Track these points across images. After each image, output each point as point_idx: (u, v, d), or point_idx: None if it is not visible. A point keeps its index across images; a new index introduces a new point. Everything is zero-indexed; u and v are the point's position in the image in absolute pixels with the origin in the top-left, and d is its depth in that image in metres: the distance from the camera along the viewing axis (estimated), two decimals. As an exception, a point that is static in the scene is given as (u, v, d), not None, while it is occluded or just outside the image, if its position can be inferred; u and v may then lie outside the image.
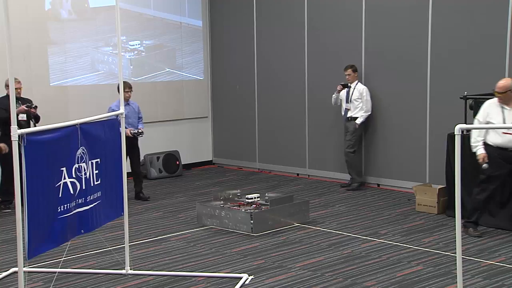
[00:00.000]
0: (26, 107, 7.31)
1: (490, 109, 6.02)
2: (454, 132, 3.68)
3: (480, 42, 7.40)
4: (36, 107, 7.36)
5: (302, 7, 9.09)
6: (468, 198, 6.21)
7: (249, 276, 5.11)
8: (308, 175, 9.29)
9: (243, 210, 6.45)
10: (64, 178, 4.18)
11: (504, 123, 5.88)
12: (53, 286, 4.95)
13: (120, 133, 5.03)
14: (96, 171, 4.61)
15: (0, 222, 7.05)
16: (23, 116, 7.34)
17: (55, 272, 5.16)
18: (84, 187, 4.43)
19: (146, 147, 9.57)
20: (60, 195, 4.14)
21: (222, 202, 6.74)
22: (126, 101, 7.89)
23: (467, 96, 6.86)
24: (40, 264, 5.44)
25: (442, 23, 7.69)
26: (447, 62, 7.69)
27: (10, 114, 7.18)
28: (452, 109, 7.43)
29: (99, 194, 4.68)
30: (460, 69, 7.58)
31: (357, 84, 8.27)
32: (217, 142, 10.59)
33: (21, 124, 7.28)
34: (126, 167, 5.20)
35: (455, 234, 3.82)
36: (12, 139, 3.66)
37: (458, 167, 3.68)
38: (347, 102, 8.31)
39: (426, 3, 7.78)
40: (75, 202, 4.35)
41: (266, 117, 9.80)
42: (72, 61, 8.81)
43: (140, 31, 9.52)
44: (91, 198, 4.56)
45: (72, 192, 4.28)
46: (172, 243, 6.14)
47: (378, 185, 8.50)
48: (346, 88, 8.28)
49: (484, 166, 5.88)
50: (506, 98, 5.89)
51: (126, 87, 7.84)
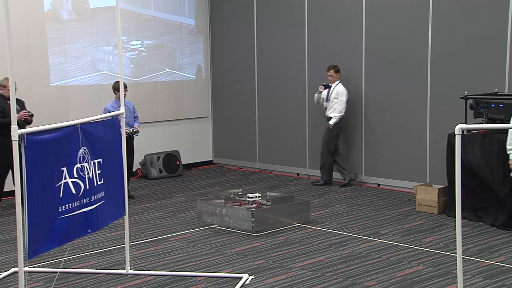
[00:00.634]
0: (29, 115, 7.33)
1: None
2: (454, 132, 3.68)
3: (480, 42, 7.39)
4: (32, 115, 7.40)
5: (303, 7, 9.09)
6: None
7: (249, 276, 5.12)
8: (309, 175, 9.29)
9: (244, 208, 6.45)
10: (65, 178, 4.18)
11: None
12: (53, 286, 4.95)
13: (121, 133, 5.03)
14: (99, 171, 4.61)
15: (0, 222, 7.05)
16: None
17: (56, 272, 5.16)
18: (88, 187, 4.43)
19: (147, 147, 9.58)
20: (61, 195, 4.14)
21: (223, 201, 6.75)
22: None
23: (468, 96, 6.86)
24: (40, 264, 5.44)
25: (442, 23, 7.69)
26: (448, 62, 7.69)
27: (5, 115, 7.23)
28: (452, 109, 7.43)
29: (102, 194, 4.68)
30: (460, 69, 7.58)
31: (337, 84, 8.42)
32: (217, 142, 10.59)
33: (28, 123, 7.37)
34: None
35: (455, 234, 3.82)
36: (12, 139, 3.66)
37: (458, 167, 3.68)
38: (326, 101, 8.49)
39: (426, 3, 7.78)
40: (80, 202, 4.35)
41: (266, 117, 9.80)
42: (73, 61, 8.81)
43: (140, 31, 9.52)
44: (96, 198, 4.56)
45: (74, 192, 4.28)
46: (172, 243, 6.14)
47: (378, 185, 8.50)
48: (327, 89, 8.46)
49: None
50: None
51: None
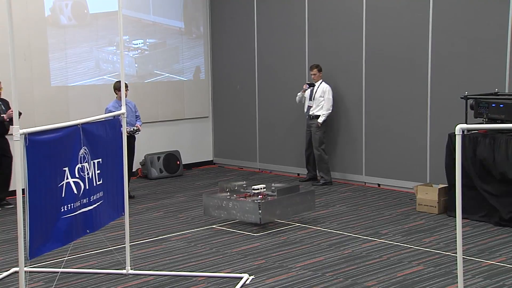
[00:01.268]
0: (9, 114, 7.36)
1: None
2: (454, 132, 3.68)
3: (481, 42, 7.40)
4: (21, 113, 7.40)
5: (303, 8, 9.10)
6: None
7: (249, 276, 5.12)
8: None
9: (250, 201, 6.44)
10: (67, 178, 4.19)
11: None
12: (54, 286, 4.96)
13: (122, 133, 5.04)
14: (98, 171, 4.62)
15: (1, 222, 7.05)
16: (8, 119, 7.42)
17: (56, 272, 5.16)
18: (87, 187, 4.44)
19: (147, 147, 9.59)
20: (63, 195, 4.15)
21: (228, 194, 6.74)
22: None
23: (468, 96, 6.86)
24: (41, 264, 5.44)
25: (443, 23, 7.69)
26: (448, 62, 7.69)
27: None
28: (452, 109, 7.43)
29: (101, 194, 4.69)
30: (460, 69, 7.58)
31: (321, 83, 8.59)
32: (217, 142, 10.60)
33: (4, 125, 7.44)
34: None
35: (456, 234, 3.82)
36: (14, 139, 3.66)
37: (458, 167, 3.69)
38: (310, 99, 8.60)
39: (426, 4, 7.79)
40: (80, 202, 4.36)
41: (266, 117, 9.81)
42: (73, 66, 8.81)
43: (140, 36, 9.52)
44: (95, 198, 4.57)
45: (76, 192, 4.29)
46: (173, 243, 6.14)
47: (379, 185, 8.50)
48: (311, 88, 8.59)
49: None
50: None
51: None
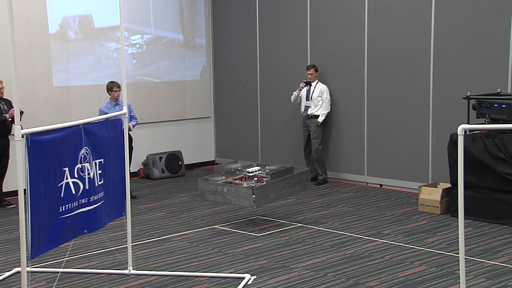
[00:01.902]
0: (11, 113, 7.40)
1: None
2: (457, 132, 3.68)
3: (483, 42, 7.39)
4: (22, 112, 7.44)
5: (305, 8, 9.09)
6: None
7: (251, 276, 5.12)
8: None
9: (244, 185, 6.42)
10: (66, 178, 4.19)
11: None
12: (56, 286, 4.96)
13: (123, 133, 5.04)
14: (100, 171, 4.62)
15: (3, 222, 7.06)
16: (10, 118, 7.45)
17: (58, 272, 5.17)
18: (87, 187, 4.43)
19: (149, 147, 9.59)
20: (62, 195, 4.15)
21: (224, 178, 6.75)
22: (115, 100, 7.86)
23: (470, 96, 6.85)
24: (43, 264, 5.44)
25: (445, 23, 7.68)
26: (450, 62, 7.68)
27: None
28: (455, 109, 7.42)
29: (102, 194, 4.68)
30: (463, 69, 7.57)
31: (317, 83, 8.69)
32: (219, 142, 10.60)
33: (6, 125, 7.47)
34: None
35: (458, 234, 3.82)
36: (15, 139, 3.67)
37: (460, 167, 3.68)
38: (307, 99, 8.67)
39: (429, 3, 7.77)
40: (78, 202, 4.35)
41: (268, 117, 9.80)
42: (75, 67, 8.83)
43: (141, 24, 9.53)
44: (95, 198, 4.57)
45: (74, 192, 4.29)
46: (175, 243, 6.14)
47: (381, 185, 8.49)
48: (307, 86, 8.66)
49: None
50: None
51: (114, 86, 7.84)
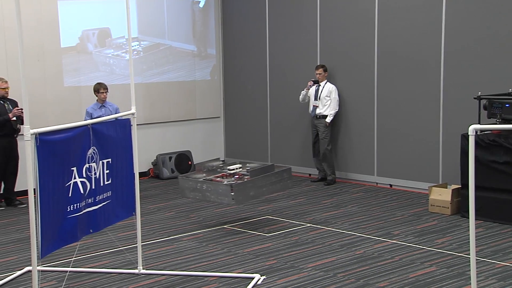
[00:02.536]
0: (20, 112, 7.45)
1: None
2: (467, 133, 3.65)
3: (494, 41, 7.33)
4: (22, 111, 7.51)
5: (315, 8, 9.07)
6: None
7: (261, 276, 5.11)
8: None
9: (224, 183, 6.38)
10: (74, 178, 4.20)
11: None
12: (66, 285, 4.98)
13: (131, 132, 5.04)
14: (107, 171, 4.63)
15: (15, 221, 7.11)
16: (14, 118, 7.51)
17: (68, 272, 5.19)
18: (94, 187, 4.45)
19: (159, 147, 9.61)
20: (69, 195, 4.16)
21: (205, 175, 6.69)
22: (102, 102, 7.85)
23: (481, 96, 6.80)
24: (53, 263, 5.47)
25: (456, 22, 7.63)
26: (461, 61, 7.63)
27: None
28: (465, 109, 7.37)
29: (109, 193, 4.69)
30: (473, 68, 7.51)
31: (326, 83, 8.69)
32: (229, 142, 10.60)
33: (11, 124, 7.52)
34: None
35: (469, 235, 3.79)
36: (25, 139, 3.69)
37: (471, 168, 3.65)
38: (315, 99, 8.66)
39: (439, 2, 7.73)
40: (85, 202, 4.37)
41: (278, 117, 9.79)
42: (85, 67, 8.87)
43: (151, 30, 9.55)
44: (100, 198, 4.58)
45: (82, 191, 4.30)
46: (184, 243, 6.15)
47: (391, 185, 8.45)
48: (316, 85, 8.66)
49: None
50: None
51: (101, 88, 7.82)
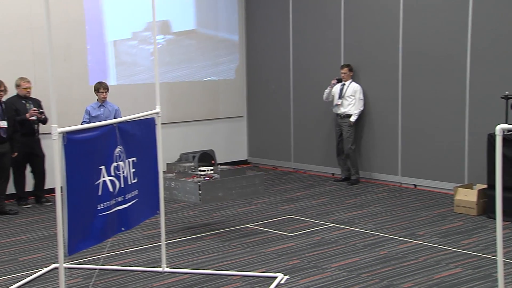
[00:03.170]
0: (39, 112, 7.59)
1: None
2: (494, 132, 3.60)
3: (522, 40, 7.21)
4: (42, 112, 7.65)
5: (339, 6, 9.03)
6: None
7: (284, 275, 5.10)
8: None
9: (191, 181, 6.32)
10: (103, 176, 4.25)
11: None
12: (92, 282, 5.04)
13: (156, 132, 5.08)
14: (133, 170, 4.67)
15: (42, 219, 7.22)
16: (31, 118, 7.62)
17: (94, 269, 5.26)
18: (122, 185, 4.49)
19: (182, 146, 9.67)
20: (99, 193, 4.21)
21: (174, 175, 6.63)
22: (102, 101, 7.83)
23: (508, 96, 6.70)
24: (79, 261, 5.54)
25: (482, 20, 7.52)
26: (488, 60, 7.52)
27: (19, 114, 7.59)
28: (492, 108, 7.26)
29: (136, 192, 4.74)
30: (501, 67, 7.40)
31: (351, 82, 8.64)
32: (252, 141, 10.61)
33: (31, 124, 7.65)
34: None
35: (495, 236, 3.73)
36: (52, 137, 3.74)
37: (499, 168, 3.60)
38: (339, 98, 8.62)
39: (466, 1, 7.63)
40: (115, 200, 4.42)
41: (301, 116, 9.77)
42: (111, 66, 8.96)
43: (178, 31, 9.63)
44: (130, 196, 4.62)
45: (111, 190, 4.35)
46: (207, 242, 6.17)
47: (415, 185, 8.37)
48: (339, 84, 8.65)
49: None
50: None
51: (101, 87, 7.79)
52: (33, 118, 7.59)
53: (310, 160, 9.71)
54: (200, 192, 6.18)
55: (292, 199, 7.96)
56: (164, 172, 6.76)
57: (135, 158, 4.71)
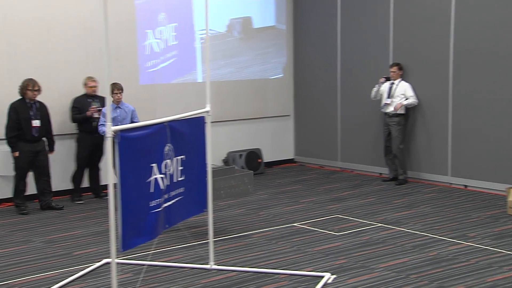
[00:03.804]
0: (98, 110, 7.77)
1: None
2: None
3: None
4: (100, 110, 7.80)
5: (388, 3, 8.90)
6: None
7: (331, 275, 5.08)
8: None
9: None
10: (155, 174, 4.33)
11: None
12: (141, 277, 5.15)
13: (205, 131, 5.13)
14: (181, 168, 4.74)
15: (94, 214, 7.41)
16: (92, 115, 7.81)
17: (143, 265, 5.36)
18: (169, 183, 4.57)
19: (229, 145, 9.74)
20: (152, 190, 4.29)
21: None
22: (117, 103, 7.61)
23: None
24: (129, 256, 5.66)
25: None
26: (543, 57, 7.28)
27: (81, 113, 7.82)
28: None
29: (182, 189, 4.80)
30: (557, 65, 7.15)
31: (400, 81, 8.49)
32: (299, 140, 10.59)
33: (93, 121, 7.83)
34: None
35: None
36: (106, 135, 3.84)
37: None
38: (388, 97, 8.48)
39: (520, -4, 7.41)
40: (163, 198, 4.50)
41: (348, 115, 9.69)
42: (161, 66, 9.12)
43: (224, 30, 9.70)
44: (174, 194, 4.69)
45: (162, 187, 4.43)
46: (254, 240, 6.20)
47: (465, 186, 8.18)
48: (388, 82, 8.51)
49: None
50: None
51: (115, 88, 7.54)
52: (96, 116, 7.76)
53: (357, 160, 9.62)
54: None
55: (339, 198, 7.91)
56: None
57: (184, 156, 4.78)
